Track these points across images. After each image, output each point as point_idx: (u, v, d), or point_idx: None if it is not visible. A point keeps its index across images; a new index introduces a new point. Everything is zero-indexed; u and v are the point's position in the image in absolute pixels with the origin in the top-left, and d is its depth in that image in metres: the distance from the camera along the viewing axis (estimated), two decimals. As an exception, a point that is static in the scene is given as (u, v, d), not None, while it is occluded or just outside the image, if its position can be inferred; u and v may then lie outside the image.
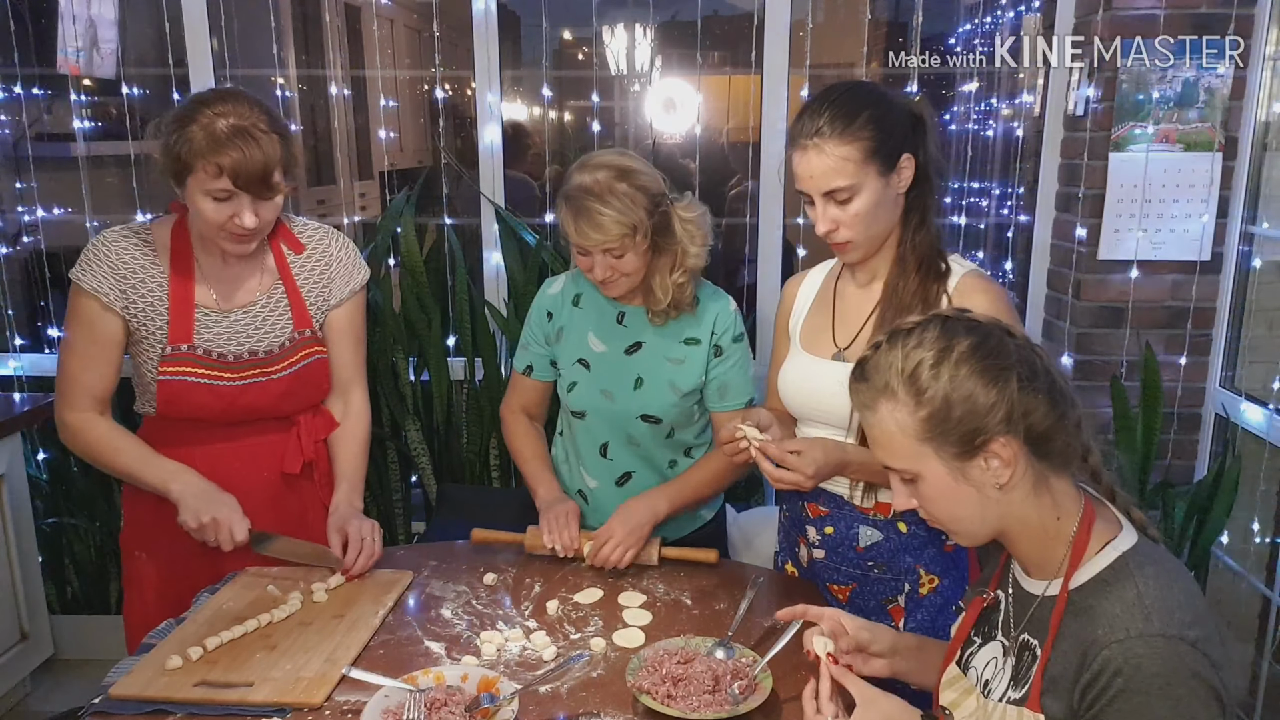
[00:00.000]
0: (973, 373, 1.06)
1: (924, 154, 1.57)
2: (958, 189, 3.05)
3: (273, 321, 1.80)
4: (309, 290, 1.84)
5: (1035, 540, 1.12)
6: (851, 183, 1.50)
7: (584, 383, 1.90)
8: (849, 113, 1.50)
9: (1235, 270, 2.57)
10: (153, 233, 1.76)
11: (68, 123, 2.92)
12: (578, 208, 1.71)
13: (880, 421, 1.11)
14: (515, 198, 2.94)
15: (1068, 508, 1.11)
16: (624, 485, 1.92)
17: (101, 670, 1.46)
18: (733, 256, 3.35)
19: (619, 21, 3.05)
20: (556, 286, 1.97)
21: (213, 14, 2.73)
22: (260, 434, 1.82)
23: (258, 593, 1.65)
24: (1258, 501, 2.50)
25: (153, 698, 1.36)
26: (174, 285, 1.73)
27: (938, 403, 1.06)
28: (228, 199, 1.61)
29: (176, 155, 1.60)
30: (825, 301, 1.72)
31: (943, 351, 1.08)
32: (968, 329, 1.10)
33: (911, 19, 2.71)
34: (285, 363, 1.80)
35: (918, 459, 1.10)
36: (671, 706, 1.31)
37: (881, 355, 1.12)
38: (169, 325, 1.72)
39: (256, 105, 1.64)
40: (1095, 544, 1.10)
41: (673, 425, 1.88)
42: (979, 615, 1.24)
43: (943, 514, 1.13)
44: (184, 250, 1.75)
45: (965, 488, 1.09)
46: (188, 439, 1.77)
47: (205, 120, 1.58)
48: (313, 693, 1.37)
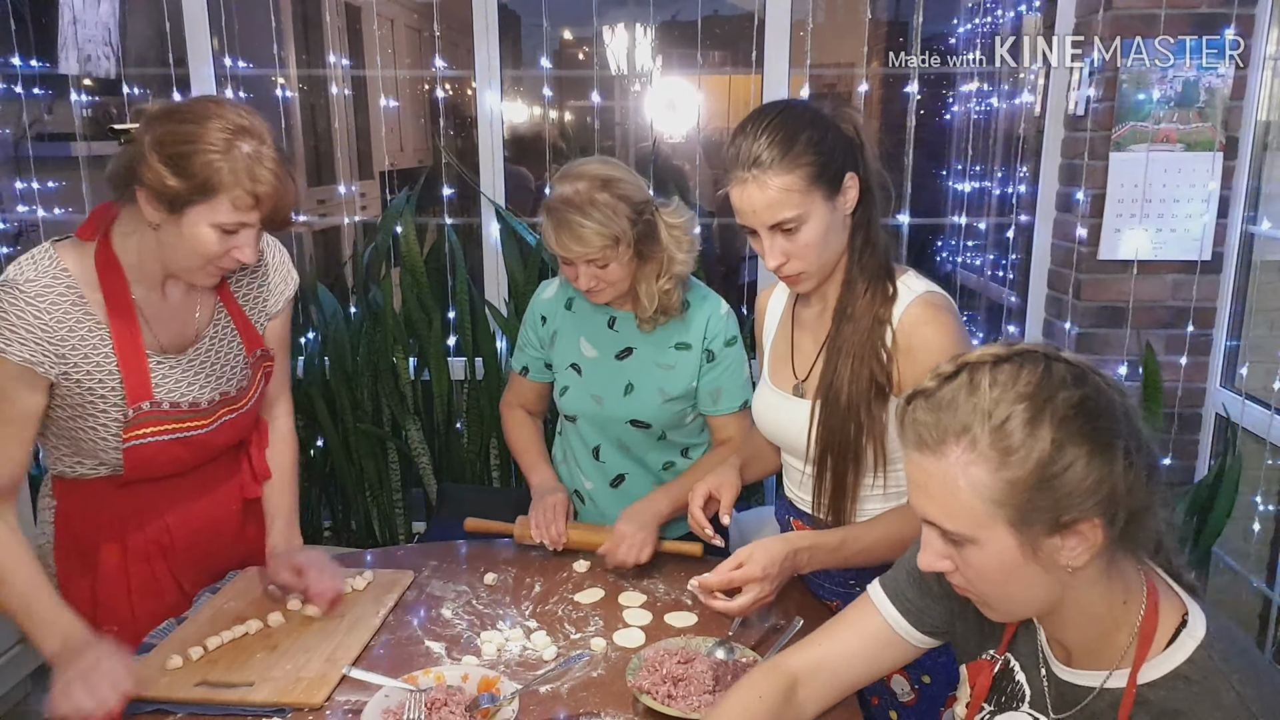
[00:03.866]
0: (1078, 437, 0.88)
1: (864, 169, 1.46)
2: (958, 188, 3.05)
3: (227, 354, 1.59)
4: (250, 306, 1.64)
5: (1091, 626, 0.97)
6: (798, 213, 1.40)
7: (575, 387, 1.89)
8: (787, 138, 1.39)
9: (1235, 270, 2.57)
10: (70, 271, 1.42)
11: (68, 123, 2.92)
12: (559, 219, 1.69)
13: (944, 471, 0.92)
14: (515, 196, 2.94)
15: (1134, 590, 0.96)
16: (618, 487, 1.92)
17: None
18: (734, 255, 3.35)
19: (619, 21, 3.05)
20: (550, 291, 1.96)
21: (213, 14, 2.73)
22: (214, 464, 1.63)
23: (258, 593, 1.65)
24: (1258, 501, 2.50)
25: (153, 697, 1.35)
26: (117, 335, 1.44)
27: (1030, 466, 0.88)
28: (235, 232, 1.40)
29: (197, 181, 1.34)
30: (787, 325, 1.64)
31: (1044, 403, 0.89)
32: (1074, 377, 0.91)
33: (911, 19, 2.71)
34: (252, 391, 1.63)
35: (983, 525, 0.91)
36: (671, 706, 1.31)
37: (960, 391, 0.92)
38: (124, 384, 1.46)
39: (263, 124, 1.42)
40: (1163, 632, 0.95)
41: (664, 429, 1.88)
42: (992, 681, 1.11)
43: (989, 588, 0.97)
44: (116, 288, 1.44)
45: (1031, 566, 0.92)
46: (144, 492, 1.55)
47: (222, 140, 1.35)
48: (313, 693, 1.37)
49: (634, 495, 1.90)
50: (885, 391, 1.46)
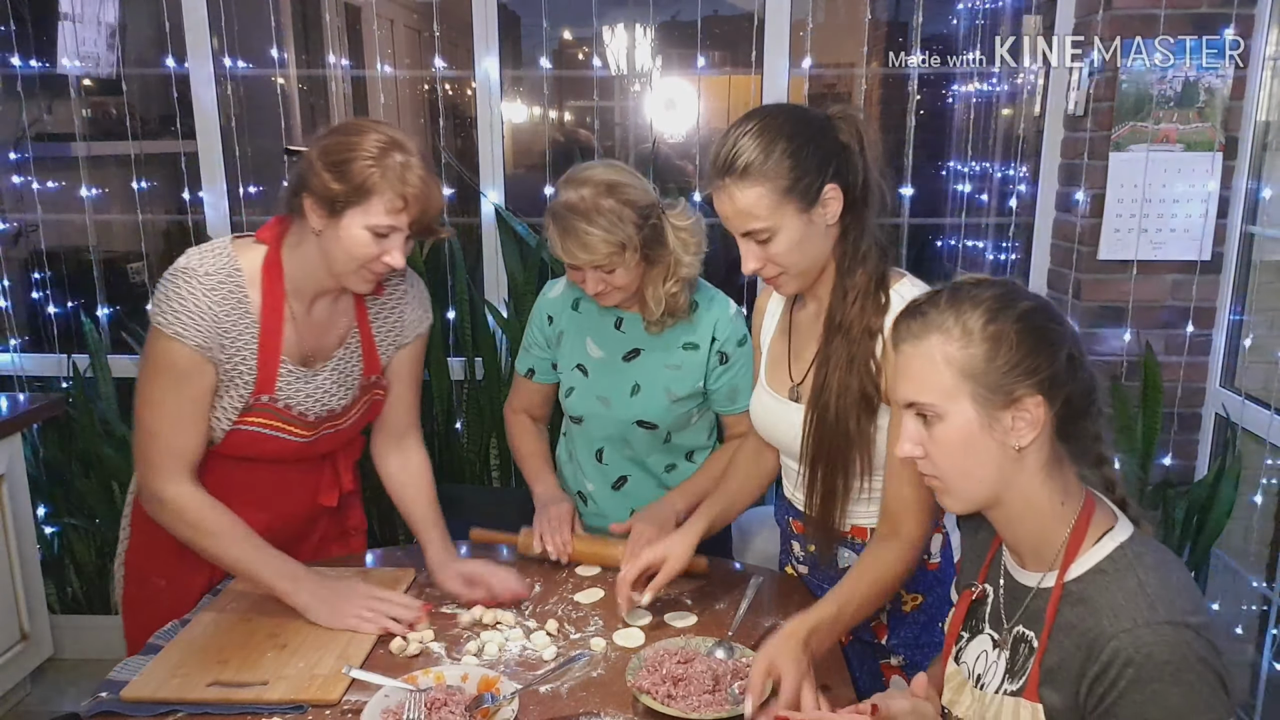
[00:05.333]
0: (1031, 329, 1.09)
1: (854, 179, 1.44)
2: (958, 188, 3.05)
3: (348, 373, 1.70)
4: (381, 333, 1.74)
5: (1034, 522, 1.12)
6: (768, 224, 1.40)
7: (581, 388, 1.89)
8: (763, 148, 1.38)
9: (1235, 270, 2.57)
10: (242, 269, 1.57)
11: (68, 123, 2.92)
12: (564, 227, 1.67)
13: (924, 352, 1.11)
14: (517, 199, 2.94)
15: (1072, 496, 1.12)
16: (620, 489, 1.92)
17: (102, 670, 1.46)
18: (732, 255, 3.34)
19: (619, 21, 3.05)
20: (556, 290, 1.95)
21: (213, 13, 2.73)
22: (296, 464, 1.72)
23: (261, 593, 1.65)
24: (1257, 501, 2.50)
25: (166, 699, 1.35)
26: (264, 333, 1.58)
27: (991, 342, 1.08)
28: (386, 235, 1.51)
29: (356, 184, 1.47)
30: (784, 329, 1.64)
31: (1008, 305, 1.10)
32: (1031, 297, 1.14)
33: (911, 19, 2.71)
34: (355, 410, 1.73)
35: (951, 396, 1.09)
36: (671, 706, 1.31)
37: (945, 297, 1.13)
38: (256, 375, 1.59)
39: (415, 143, 1.54)
40: (1092, 535, 1.10)
41: (669, 430, 1.87)
42: (968, 610, 1.24)
43: (951, 464, 1.12)
44: (274, 291, 1.58)
45: (986, 439, 1.09)
46: (226, 471, 1.65)
47: (377, 150, 1.48)
48: (329, 690, 1.37)
49: (636, 497, 1.90)
50: (874, 404, 1.46)
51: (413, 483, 1.82)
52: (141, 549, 1.76)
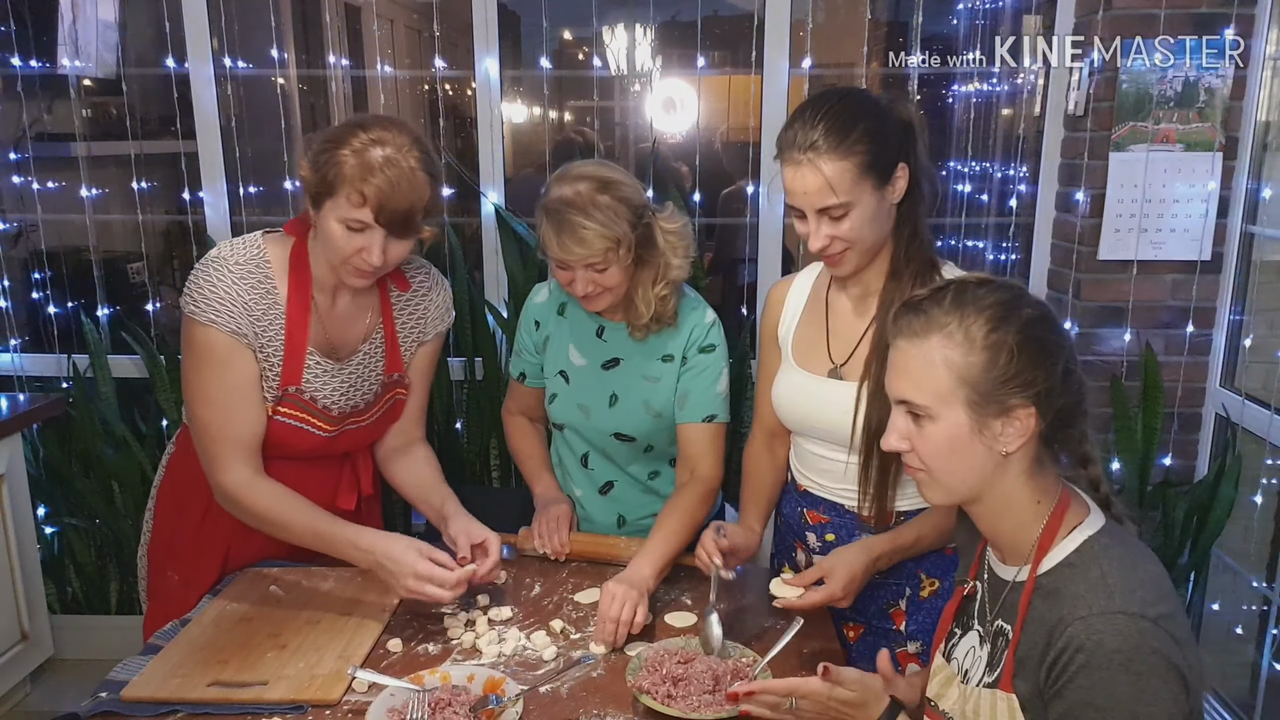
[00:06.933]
0: (1032, 340, 1.10)
1: (915, 161, 1.51)
2: (958, 188, 3.05)
3: (371, 369, 1.72)
4: (405, 330, 1.76)
5: (1012, 519, 1.15)
6: (847, 199, 1.45)
7: (563, 395, 1.88)
8: (844, 125, 1.44)
9: (1235, 270, 2.57)
10: (271, 261, 1.61)
11: (68, 123, 2.92)
12: (559, 222, 1.65)
13: (925, 352, 1.12)
14: (518, 199, 2.94)
15: (1049, 494, 1.15)
16: (607, 494, 1.92)
17: (102, 670, 1.46)
18: (732, 255, 3.35)
19: (619, 21, 3.05)
20: (542, 295, 1.93)
21: (213, 14, 2.73)
22: (315, 464, 1.73)
23: (261, 593, 1.65)
24: (1257, 501, 2.50)
25: (166, 699, 1.35)
26: (290, 323, 1.60)
27: (992, 351, 1.09)
28: (361, 230, 1.52)
29: (323, 175, 1.50)
30: (817, 313, 1.66)
31: (1011, 313, 1.11)
32: (1036, 304, 1.15)
33: (911, 19, 2.71)
34: (377, 408, 1.74)
35: (946, 399, 1.11)
36: (671, 706, 1.31)
37: (949, 297, 1.13)
38: (283, 365, 1.61)
39: (415, 141, 1.54)
40: (1064, 530, 1.13)
41: (649, 442, 1.86)
42: (959, 606, 1.26)
43: (936, 461, 1.14)
44: (301, 283, 1.62)
45: (974, 443, 1.11)
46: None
47: (359, 145, 1.49)
48: (329, 689, 1.37)
49: (623, 502, 1.90)
50: None
51: (425, 471, 1.81)
52: (161, 543, 1.78)
